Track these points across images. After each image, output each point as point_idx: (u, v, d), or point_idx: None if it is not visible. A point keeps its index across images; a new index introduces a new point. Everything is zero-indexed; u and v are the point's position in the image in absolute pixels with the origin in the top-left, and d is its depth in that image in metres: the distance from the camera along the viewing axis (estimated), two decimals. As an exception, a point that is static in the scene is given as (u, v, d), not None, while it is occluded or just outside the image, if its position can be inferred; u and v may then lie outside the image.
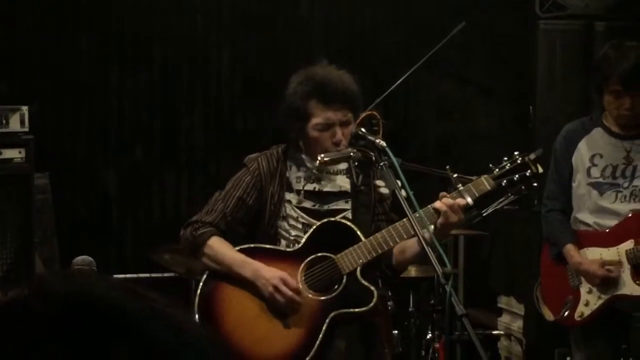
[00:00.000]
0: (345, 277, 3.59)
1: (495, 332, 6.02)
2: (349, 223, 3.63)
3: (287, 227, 3.69)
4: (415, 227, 3.39)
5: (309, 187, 3.72)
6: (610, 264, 4.29)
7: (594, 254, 4.34)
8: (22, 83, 6.13)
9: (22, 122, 4.79)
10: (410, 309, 5.54)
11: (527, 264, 5.58)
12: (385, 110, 5.88)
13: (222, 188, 3.80)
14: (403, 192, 3.45)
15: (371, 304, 3.58)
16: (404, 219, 3.52)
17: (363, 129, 3.65)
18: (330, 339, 3.60)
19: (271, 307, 3.62)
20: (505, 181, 3.55)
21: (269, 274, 3.59)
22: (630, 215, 4.29)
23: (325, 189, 3.73)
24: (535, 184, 3.59)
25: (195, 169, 6.57)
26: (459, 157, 6.62)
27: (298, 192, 3.71)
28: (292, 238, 3.68)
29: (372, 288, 3.59)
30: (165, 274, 5.58)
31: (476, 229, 5.91)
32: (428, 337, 5.47)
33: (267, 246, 3.68)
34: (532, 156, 3.57)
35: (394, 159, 3.49)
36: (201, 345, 0.93)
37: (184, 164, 6.58)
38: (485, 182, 3.54)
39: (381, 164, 3.51)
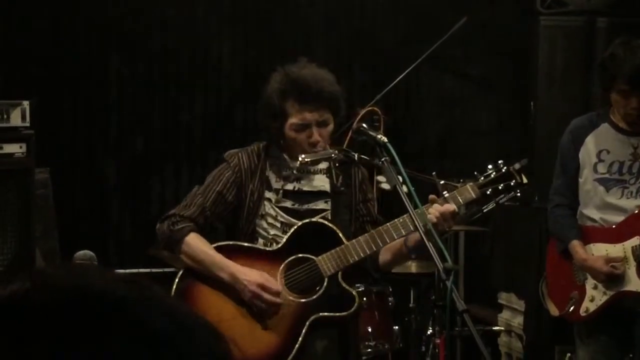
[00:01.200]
0: (326, 280, 3.56)
1: (495, 328, 6.02)
2: (331, 225, 3.59)
3: (265, 225, 3.64)
4: (417, 224, 3.35)
5: (289, 186, 3.67)
6: (616, 260, 4.28)
7: (600, 250, 4.33)
8: (22, 76, 6.12)
9: (23, 117, 4.78)
10: (410, 305, 5.54)
11: (528, 260, 5.59)
12: (386, 106, 5.88)
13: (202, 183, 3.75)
14: (404, 188, 3.44)
15: (352, 309, 3.56)
16: (388, 224, 3.49)
17: (364, 125, 3.64)
18: (309, 342, 3.57)
19: (249, 308, 3.57)
20: (490, 190, 3.54)
21: (248, 277, 3.54)
22: (636, 211, 4.29)
23: (305, 189, 3.68)
24: (519, 194, 3.58)
25: (195, 162, 6.57)
26: (460, 152, 6.62)
27: (277, 191, 3.66)
28: (270, 237, 3.63)
29: (354, 293, 3.56)
30: (165, 269, 5.57)
31: (477, 225, 5.90)
32: (429, 332, 5.47)
33: (246, 244, 3.62)
34: (517, 166, 3.57)
35: (395, 155, 3.48)
36: (202, 335, 0.94)
37: (183, 157, 6.57)
38: (470, 190, 3.53)
39: (382, 159, 3.48)
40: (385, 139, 3.52)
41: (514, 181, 3.53)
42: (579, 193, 4.41)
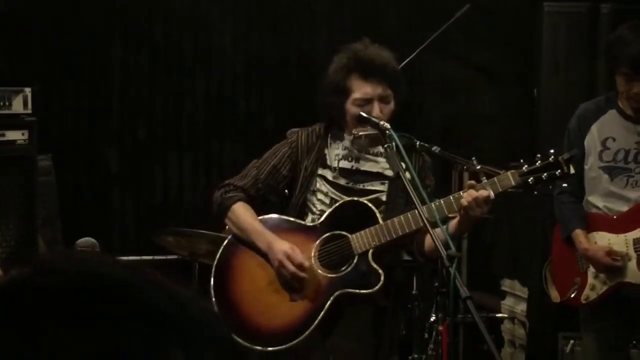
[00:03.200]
0: (356, 257, 3.61)
1: (498, 315, 6.02)
2: (369, 204, 3.63)
3: (315, 201, 3.72)
4: (421, 213, 3.36)
5: (346, 164, 3.73)
6: (618, 253, 4.27)
7: (603, 239, 4.32)
8: (24, 64, 6.12)
9: (25, 104, 4.77)
10: (414, 292, 5.54)
11: (531, 247, 5.58)
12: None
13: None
14: (407, 175, 3.45)
15: (376, 287, 3.57)
16: (424, 207, 3.47)
17: (365, 112, 3.64)
18: (334, 318, 3.63)
19: (282, 278, 3.66)
20: (532, 178, 3.52)
21: (278, 246, 3.63)
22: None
23: (363, 169, 3.73)
24: (565, 185, 3.56)
25: (198, 150, 6.57)
26: (463, 139, 6.60)
27: (334, 168, 3.72)
28: (317, 212, 3.71)
29: (380, 271, 3.58)
30: (169, 257, 5.58)
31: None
32: (432, 319, 5.46)
33: (290, 218, 3.73)
34: (566, 155, 3.56)
35: (398, 141, 3.49)
36: (206, 318, 0.94)
37: (186, 145, 6.57)
38: (510, 178, 3.53)
39: (386, 145, 3.51)
40: (388, 126, 3.53)
41: (559, 171, 3.52)
42: (584, 179, 4.39)
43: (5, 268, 4.20)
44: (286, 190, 3.84)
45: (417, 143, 3.68)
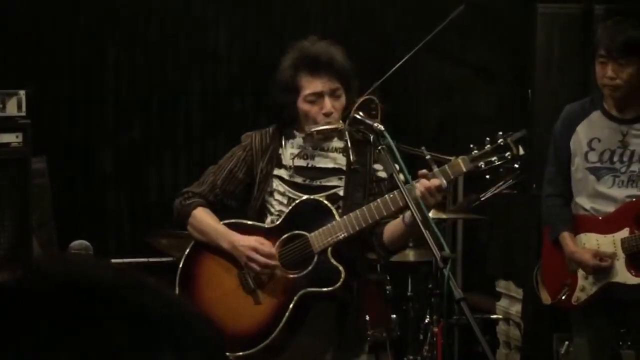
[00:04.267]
0: (316, 256, 3.63)
1: (493, 316, 6.03)
2: (325, 202, 3.65)
3: (273, 202, 3.74)
4: (413, 210, 3.34)
5: (301, 162, 3.75)
6: (605, 254, 4.28)
7: (591, 240, 4.34)
8: (18, 65, 6.11)
9: (19, 107, 4.77)
10: (408, 293, 5.55)
11: (526, 248, 5.58)
12: (383, 93, 5.87)
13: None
14: (401, 176, 3.45)
15: (338, 284, 3.59)
16: (378, 200, 3.55)
17: (361, 113, 3.65)
18: (300, 318, 3.65)
19: (246, 282, 3.69)
20: (482, 163, 3.51)
21: (243, 242, 3.66)
22: (627, 202, 4.28)
23: (318, 165, 3.75)
24: (516, 166, 3.55)
25: (192, 151, 6.56)
26: (458, 140, 6.61)
27: (289, 167, 3.74)
28: (276, 213, 3.73)
29: (341, 268, 3.59)
30: (163, 259, 5.58)
31: (475, 213, 5.90)
32: (426, 321, 5.47)
33: (249, 222, 3.75)
34: (514, 137, 3.53)
35: (392, 143, 3.49)
36: (197, 323, 0.94)
37: (181, 146, 6.57)
38: (461, 164, 3.50)
39: (379, 147, 3.51)
40: (382, 127, 3.54)
41: (508, 153, 3.50)
42: (571, 181, 4.41)
43: (0, 270, 4.19)
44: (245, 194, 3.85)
45: (372, 137, 3.65)
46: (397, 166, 3.46)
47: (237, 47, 6.62)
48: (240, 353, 3.61)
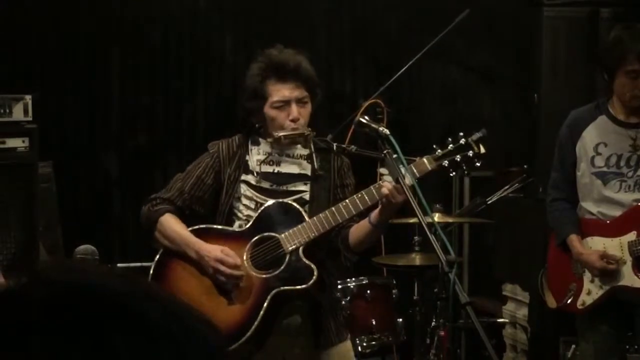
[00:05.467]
0: (288, 256, 3.69)
1: (500, 320, 6.02)
2: (294, 204, 3.73)
3: (241, 207, 3.79)
4: (420, 218, 3.39)
5: (267, 168, 3.82)
6: (612, 257, 4.28)
7: (598, 244, 4.33)
8: (24, 71, 6.12)
9: (25, 111, 4.79)
10: (415, 298, 5.54)
11: (532, 251, 5.58)
12: (389, 98, 5.87)
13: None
14: (407, 180, 3.48)
15: (311, 282, 3.65)
16: (347, 199, 3.65)
17: (366, 117, 3.69)
18: (273, 317, 3.71)
19: (217, 284, 3.74)
20: (446, 162, 3.64)
21: (209, 252, 3.70)
22: (634, 206, 4.27)
23: (284, 171, 3.82)
24: (478, 164, 3.68)
25: (197, 155, 6.55)
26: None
27: (255, 173, 3.80)
28: (244, 217, 3.78)
29: (313, 266, 3.66)
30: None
31: (481, 217, 5.90)
32: (433, 325, 5.47)
33: (218, 227, 3.79)
34: (475, 137, 3.69)
35: (397, 147, 3.51)
36: (199, 328, 0.94)
37: (186, 150, 6.56)
38: (425, 163, 3.62)
39: (384, 152, 3.55)
40: (387, 132, 3.58)
41: (471, 152, 3.64)
42: (577, 186, 4.41)
43: (7, 275, 4.20)
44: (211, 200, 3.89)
45: (334, 145, 3.78)
46: (402, 170, 3.49)
47: (243, 52, 6.62)
48: None
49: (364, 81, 6.53)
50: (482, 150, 3.66)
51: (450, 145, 3.65)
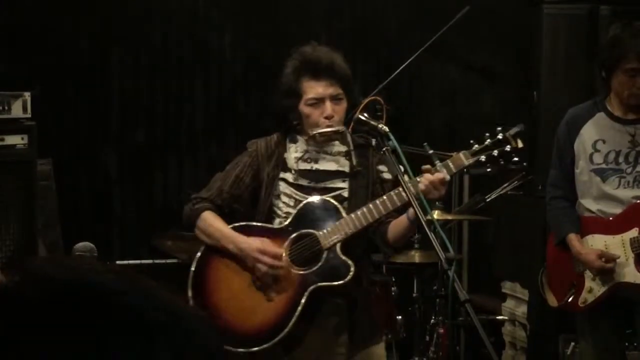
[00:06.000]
0: (325, 252, 3.71)
1: (499, 317, 6.02)
2: (332, 200, 3.75)
3: (280, 204, 3.82)
4: (418, 211, 3.44)
5: (305, 166, 3.84)
6: (611, 256, 4.27)
7: (599, 242, 4.33)
8: (23, 68, 6.11)
9: (24, 108, 4.78)
10: (414, 295, 5.55)
11: (532, 249, 5.57)
12: (388, 95, 5.86)
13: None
14: (406, 177, 3.50)
15: (348, 277, 3.66)
16: (384, 196, 3.65)
17: (366, 114, 3.70)
18: (312, 314, 3.73)
19: (256, 280, 3.76)
20: (484, 156, 3.64)
21: (249, 244, 3.74)
22: (635, 203, 4.27)
23: (322, 168, 3.83)
24: (517, 159, 3.68)
25: (197, 153, 6.56)
26: (462, 142, 6.59)
27: (293, 171, 3.83)
28: (284, 214, 3.81)
29: (350, 262, 3.67)
30: (168, 260, 5.58)
31: (480, 215, 5.89)
32: (432, 322, 5.47)
33: (258, 224, 3.83)
34: (512, 131, 3.68)
35: (396, 144, 3.54)
36: (196, 326, 0.94)
37: (185, 148, 6.57)
38: (462, 158, 3.64)
39: (384, 149, 3.58)
40: (387, 129, 3.60)
41: (509, 146, 3.64)
42: (575, 184, 4.40)
43: (6, 272, 4.19)
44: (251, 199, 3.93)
45: (373, 141, 3.77)
46: (402, 167, 3.50)
47: (242, 50, 6.62)
48: (255, 348, 3.69)
49: (363, 78, 6.51)
50: (520, 144, 3.66)
51: (488, 140, 3.65)
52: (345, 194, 3.79)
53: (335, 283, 3.69)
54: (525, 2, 6.37)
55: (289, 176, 3.83)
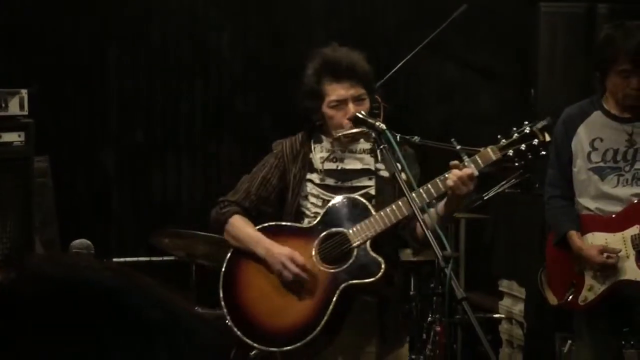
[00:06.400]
0: (356, 250, 3.70)
1: (496, 315, 6.02)
2: (361, 199, 3.74)
3: (308, 205, 3.82)
4: (416, 210, 3.45)
5: (331, 165, 3.84)
6: (612, 250, 4.27)
7: (599, 240, 4.32)
8: (21, 65, 6.11)
9: (21, 106, 4.77)
10: (411, 293, 5.54)
11: (529, 247, 5.58)
12: (386, 93, 5.86)
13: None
14: (403, 175, 3.50)
15: (379, 275, 3.66)
16: (413, 192, 3.60)
17: (362, 112, 3.70)
18: (343, 312, 3.73)
19: (283, 280, 3.77)
20: (512, 151, 3.63)
21: (277, 251, 3.74)
22: (636, 200, 4.27)
23: (348, 167, 3.83)
24: (544, 152, 3.67)
25: (195, 151, 6.56)
26: (460, 140, 6.59)
27: (320, 171, 3.83)
28: (312, 214, 3.81)
29: (380, 259, 3.66)
30: (165, 258, 5.58)
31: (478, 212, 5.89)
32: (429, 320, 5.47)
33: (286, 223, 3.83)
34: (540, 125, 3.65)
35: (393, 142, 3.55)
36: (195, 326, 0.93)
37: (183, 146, 6.56)
38: (490, 152, 3.63)
39: (381, 147, 3.59)
40: (384, 127, 3.60)
41: (536, 140, 3.61)
42: (573, 183, 4.40)
43: (3, 270, 4.18)
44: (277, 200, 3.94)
45: (398, 136, 3.74)
46: (399, 165, 3.51)
47: (240, 48, 6.62)
48: (287, 347, 3.70)
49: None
50: (548, 138, 3.65)
51: (515, 135, 3.64)
52: (372, 191, 3.81)
53: (367, 280, 3.68)
54: (524, 0, 6.37)
55: (315, 177, 3.83)
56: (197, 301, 4.79)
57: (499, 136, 3.66)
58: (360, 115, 3.68)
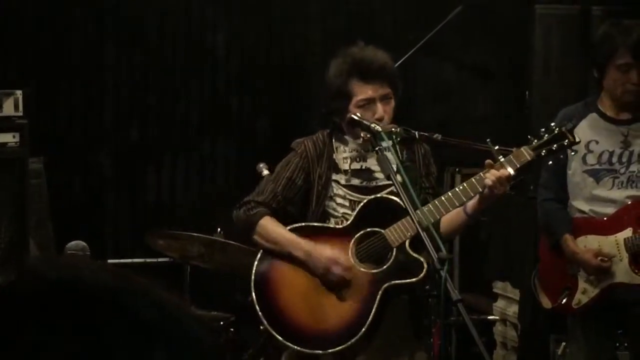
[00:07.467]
0: (395, 250, 3.69)
1: (490, 317, 6.03)
2: (395, 198, 3.69)
3: (335, 205, 3.81)
4: (411, 214, 3.46)
5: (356, 165, 3.83)
6: (608, 254, 4.27)
7: (593, 242, 4.32)
8: (15, 65, 6.10)
9: (16, 107, 4.77)
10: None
11: (523, 249, 5.58)
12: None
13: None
14: (399, 177, 3.50)
15: (421, 275, 3.66)
16: (449, 192, 3.65)
17: (358, 114, 3.69)
18: (384, 312, 3.72)
19: (324, 282, 3.74)
20: (544, 151, 3.68)
21: (320, 254, 3.71)
22: (629, 203, 4.27)
23: (371, 166, 3.82)
24: (573, 153, 3.85)
25: (190, 151, 6.56)
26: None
27: (345, 172, 3.82)
28: (340, 215, 3.79)
29: (422, 259, 3.66)
30: (160, 259, 5.58)
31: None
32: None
33: (317, 224, 3.80)
34: (568, 126, 3.76)
35: (388, 144, 3.54)
36: (191, 326, 0.94)
37: (179, 146, 6.56)
38: (525, 153, 3.66)
39: (377, 148, 3.56)
40: (380, 128, 3.59)
41: (567, 141, 3.69)
42: (567, 185, 4.40)
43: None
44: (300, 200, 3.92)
45: (416, 133, 3.78)
46: (394, 166, 3.50)
47: (236, 48, 6.61)
48: (331, 350, 3.68)
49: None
50: (577, 139, 3.74)
51: (546, 135, 3.69)
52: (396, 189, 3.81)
53: (410, 280, 3.68)
54: (518, 1, 6.38)
55: (341, 177, 3.81)
56: (192, 302, 4.79)
57: (529, 137, 3.71)
58: (356, 117, 3.68)
